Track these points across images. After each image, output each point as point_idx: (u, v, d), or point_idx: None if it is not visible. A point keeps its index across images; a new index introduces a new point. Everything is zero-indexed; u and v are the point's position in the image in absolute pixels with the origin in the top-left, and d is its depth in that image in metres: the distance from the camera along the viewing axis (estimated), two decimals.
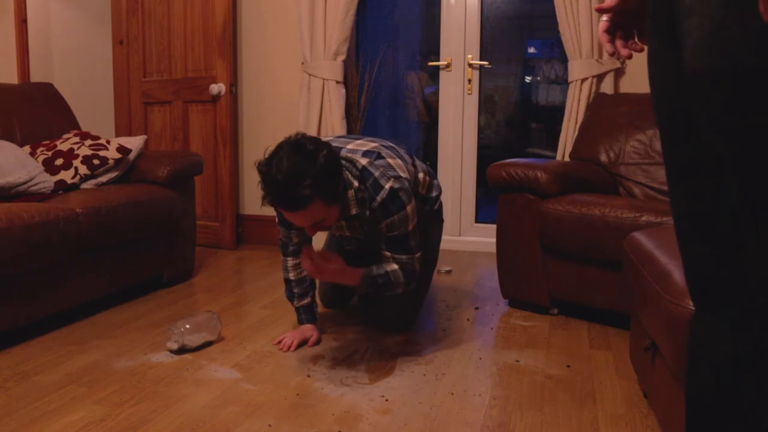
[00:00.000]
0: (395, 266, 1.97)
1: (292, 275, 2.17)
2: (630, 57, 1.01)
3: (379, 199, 1.89)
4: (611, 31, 1.01)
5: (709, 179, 0.82)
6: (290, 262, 2.17)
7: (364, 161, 1.93)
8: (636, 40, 1.02)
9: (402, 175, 1.94)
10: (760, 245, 0.72)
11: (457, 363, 2.02)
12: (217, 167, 3.73)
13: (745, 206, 0.72)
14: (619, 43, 1.01)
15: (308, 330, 2.17)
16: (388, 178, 1.90)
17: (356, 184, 1.91)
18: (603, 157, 2.83)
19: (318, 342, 2.16)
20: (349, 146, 2.00)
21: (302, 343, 2.14)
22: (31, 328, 2.27)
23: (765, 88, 0.66)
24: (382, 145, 2.04)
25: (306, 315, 2.19)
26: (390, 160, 1.96)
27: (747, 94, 0.68)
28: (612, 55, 1.03)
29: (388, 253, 1.97)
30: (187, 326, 2.08)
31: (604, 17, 1.00)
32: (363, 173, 1.91)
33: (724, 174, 0.74)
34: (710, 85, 0.71)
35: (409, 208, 1.92)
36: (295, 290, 2.18)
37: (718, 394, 0.85)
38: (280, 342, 2.14)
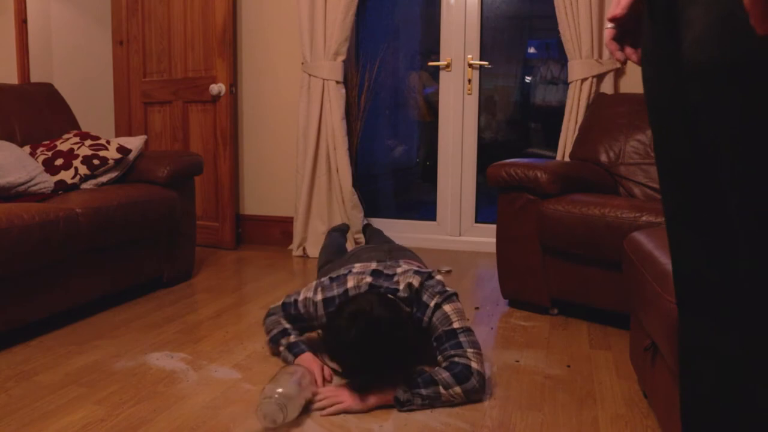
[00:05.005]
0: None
1: (288, 325, 1.97)
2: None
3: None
4: (619, 39, 0.99)
5: (705, 179, 0.80)
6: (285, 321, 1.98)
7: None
8: None
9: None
10: (758, 247, 0.70)
11: None
12: (217, 167, 3.73)
13: (745, 205, 0.69)
14: (629, 50, 0.99)
15: (314, 363, 1.84)
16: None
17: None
18: (603, 157, 2.83)
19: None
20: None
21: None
22: (31, 328, 2.27)
23: None
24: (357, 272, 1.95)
25: (303, 345, 1.92)
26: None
27: (754, 86, 0.64)
28: (623, 62, 1.01)
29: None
30: (280, 390, 1.57)
31: (609, 25, 0.99)
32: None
33: (722, 173, 0.72)
34: (714, 77, 0.68)
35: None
36: (292, 334, 1.94)
37: (708, 394, 0.84)
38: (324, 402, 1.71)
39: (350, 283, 1.90)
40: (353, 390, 1.69)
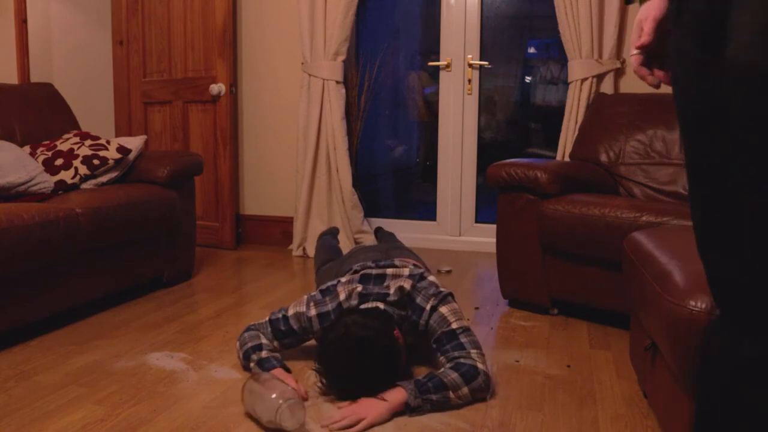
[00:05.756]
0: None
1: (265, 341, 1.88)
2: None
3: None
4: (647, 63, 0.99)
5: (739, 185, 0.80)
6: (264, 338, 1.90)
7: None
8: None
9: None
10: None
11: None
12: (217, 167, 3.73)
13: None
14: (659, 72, 0.98)
15: (286, 379, 1.73)
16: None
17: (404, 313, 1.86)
18: (603, 157, 2.83)
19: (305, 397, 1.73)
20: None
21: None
22: (31, 328, 2.27)
23: None
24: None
25: (275, 360, 1.82)
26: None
27: None
28: (657, 86, 0.99)
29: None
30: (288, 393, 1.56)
31: (635, 52, 0.98)
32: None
33: (758, 180, 0.72)
34: (760, 79, 0.68)
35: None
36: (264, 350, 1.85)
37: (733, 396, 0.84)
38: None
39: (342, 295, 1.88)
40: (368, 403, 1.64)
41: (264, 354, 1.83)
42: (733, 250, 0.83)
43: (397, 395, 1.65)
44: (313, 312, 1.88)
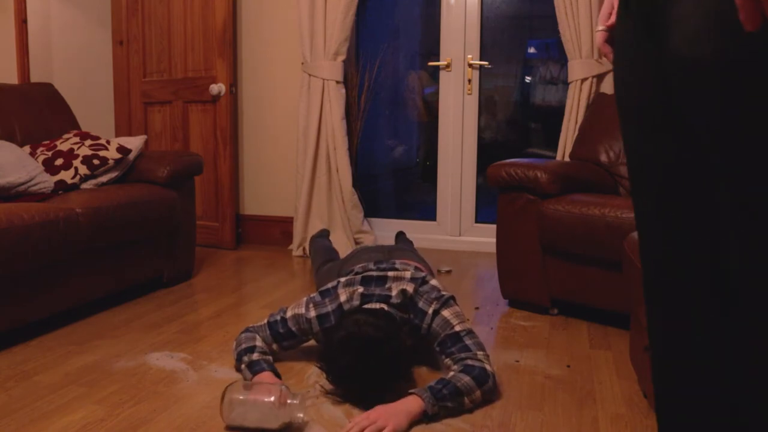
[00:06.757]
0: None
1: (259, 343, 1.87)
2: None
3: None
4: (611, 41, 0.98)
5: (690, 177, 0.79)
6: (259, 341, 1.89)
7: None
8: None
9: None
10: (747, 250, 0.68)
11: None
12: (217, 167, 3.73)
13: (738, 202, 0.68)
14: None
15: (274, 380, 1.73)
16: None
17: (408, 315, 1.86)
18: (603, 157, 2.83)
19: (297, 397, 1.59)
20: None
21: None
22: (31, 328, 2.27)
23: None
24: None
25: (265, 364, 1.80)
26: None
27: (748, 82, 0.63)
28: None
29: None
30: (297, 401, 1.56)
31: (601, 27, 0.98)
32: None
33: (712, 171, 0.71)
34: (708, 73, 0.66)
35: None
36: (256, 353, 1.83)
37: (691, 396, 0.85)
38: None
39: (343, 297, 1.88)
40: (379, 410, 1.60)
41: (255, 357, 1.81)
42: (685, 247, 0.82)
43: (413, 403, 1.60)
44: (312, 314, 1.87)
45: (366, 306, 1.82)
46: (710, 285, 0.80)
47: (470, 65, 3.65)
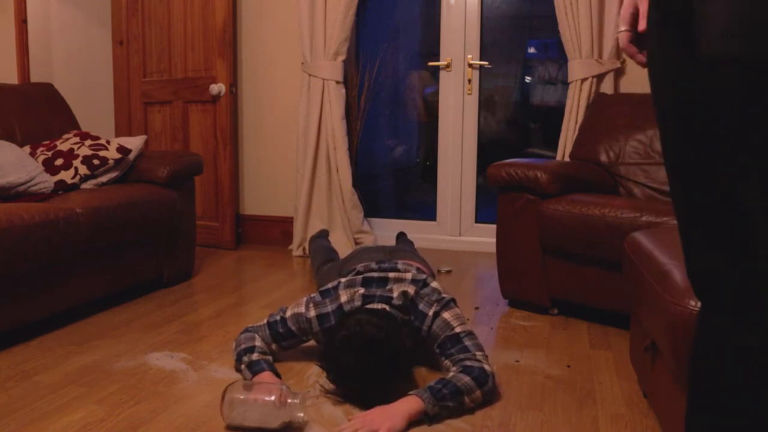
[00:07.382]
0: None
1: (259, 343, 1.87)
2: None
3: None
4: (637, 42, 0.97)
5: (720, 176, 0.79)
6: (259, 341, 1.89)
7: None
8: None
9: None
10: None
11: None
12: (217, 167, 3.73)
13: (765, 202, 0.68)
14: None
15: (274, 380, 1.73)
16: None
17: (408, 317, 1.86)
18: (603, 157, 2.83)
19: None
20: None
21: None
22: (31, 328, 2.27)
23: None
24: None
25: (265, 364, 1.80)
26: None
27: None
28: (645, 66, 0.96)
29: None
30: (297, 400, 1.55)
31: (623, 28, 0.96)
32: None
33: (740, 169, 0.71)
34: (738, 70, 0.66)
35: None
36: (256, 353, 1.83)
37: (721, 388, 0.84)
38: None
39: (344, 297, 1.88)
40: (380, 411, 1.60)
41: (255, 357, 1.81)
42: (720, 245, 0.82)
43: (412, 404, 1.59)
44: (312, 313, 1.87)
45: (367, 306, 1.82)
46: (743, 286, 0.80)
47: (470, 65, 3.65)
